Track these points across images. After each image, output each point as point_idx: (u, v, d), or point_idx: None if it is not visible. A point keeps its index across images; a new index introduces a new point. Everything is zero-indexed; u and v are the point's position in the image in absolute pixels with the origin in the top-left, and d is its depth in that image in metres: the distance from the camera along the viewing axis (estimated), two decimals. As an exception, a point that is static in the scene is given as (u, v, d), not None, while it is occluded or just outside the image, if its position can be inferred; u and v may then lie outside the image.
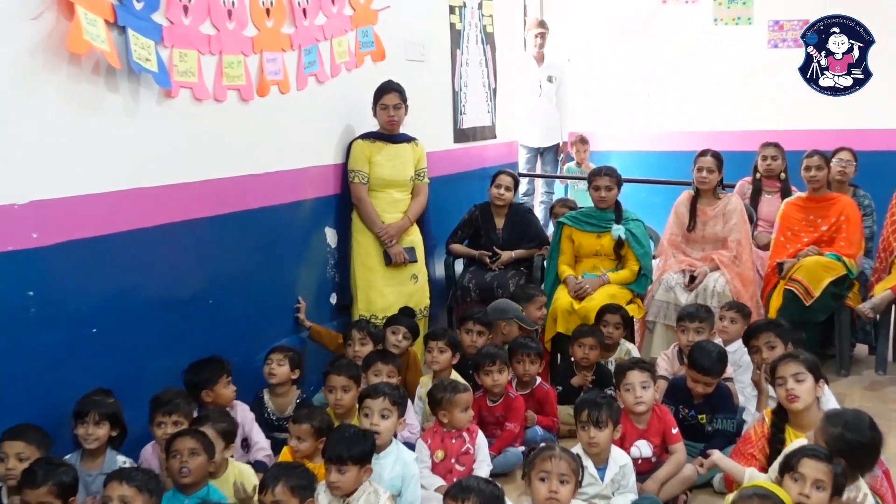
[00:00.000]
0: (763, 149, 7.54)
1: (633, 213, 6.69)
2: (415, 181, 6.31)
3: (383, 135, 6.14)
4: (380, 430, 4.26)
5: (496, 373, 5.16)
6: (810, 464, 3.49)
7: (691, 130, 10.29)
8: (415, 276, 6.27)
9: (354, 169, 6.06)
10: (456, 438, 4.64)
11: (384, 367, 5.08)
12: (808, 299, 6.43)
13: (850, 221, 6.73)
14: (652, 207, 8.84)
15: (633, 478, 4.32)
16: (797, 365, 4.31)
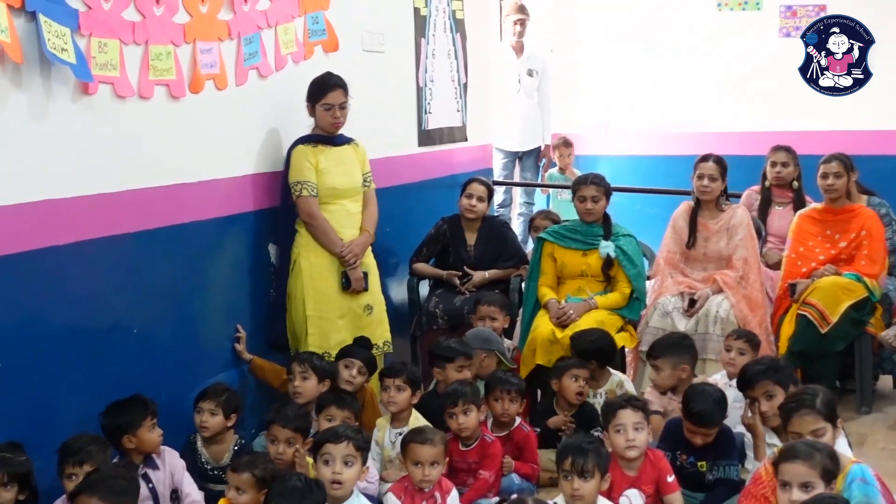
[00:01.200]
0: (773, 153, 7.58)
1: (624, 227, 6.70)
2: (363, 188, 6.23)
3: (324, 137, 6.03)
4: (343, 479, 4.24)
5: (460, 415, 5.13)
6: None
7: (691, 132, 10.34)
8: (369, 307, 6.14)
9: (301, 180, 5.88)
10: (427, 500, 4.61)
11: (339, 413, 5.07)
12: (824, 326, 6.47)
13: (872, 237, 6.77)
14: (647, 220, 8.90)
15: (622, 533, 4.32)
16: (815, 418, 4.26)
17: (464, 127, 8.39)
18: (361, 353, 5.73)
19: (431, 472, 4.56)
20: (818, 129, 9.67)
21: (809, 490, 3.77)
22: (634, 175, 10.45)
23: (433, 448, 4.58)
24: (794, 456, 3.86)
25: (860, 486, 4.02)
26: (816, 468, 3.80)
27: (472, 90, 8.48)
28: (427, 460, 4.55)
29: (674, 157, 9.96)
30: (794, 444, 4.03)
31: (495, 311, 6.38)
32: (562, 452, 4.32)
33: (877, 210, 6.97)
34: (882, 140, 9.55)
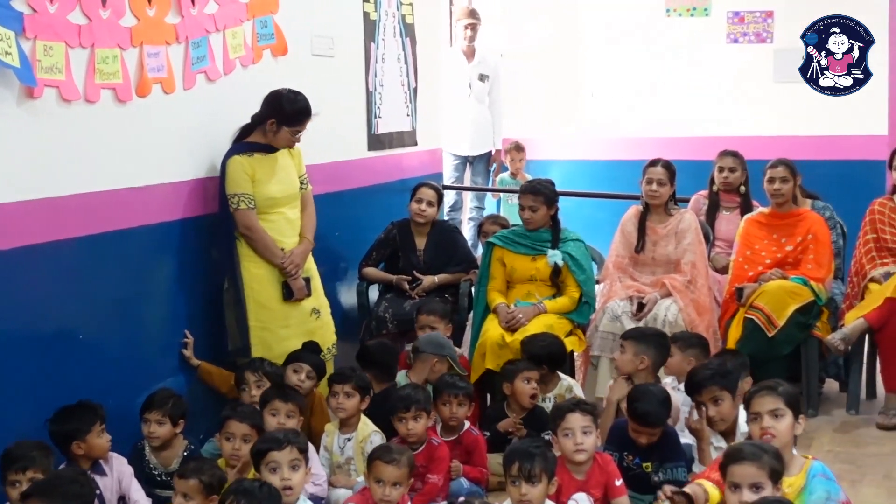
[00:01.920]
0: (720, 159, 7.65)
1: (572, 232, 6.74)
2: (300, 192, 6.16)
3: (260, 145, 5.91)
4: (292, 484, 4.23)
5: (410, 420, 5.13)
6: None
7: (641, 137, 10.40)
8: (316, 311, 6.11)
9: (237, 193, 5.77)
10: None
11: (283, 406, 5.06)
12: (771, 329, 6.53)
13: (818, 240, 6.84)
14: (596, 224, 8.92)
15: (570, 538, 4.34)
16: (775, 399, 4.32)
17: (414, 131, 8.40)
18: (310, 357, 5.71)
19: (392, 492, 4.49)
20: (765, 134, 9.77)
21: (759, 491, 3.81)
22: (584, 180, 10.50)
23: (397, 469, 4.50)
24: (741, 458, 3.90)
25: (822, 482, 4.07)
26: (765, 468, 3.84)
27: (422, 95, 8.49)
28: (389, 480, 4.49)
29: (623, 161, 10.01)
30: (740, 445, 4.09)
31: (435, 319, 6.38)
32: (509, 457, 4.32)
33: (821, 213, 7.05)
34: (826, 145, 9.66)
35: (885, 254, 6.80)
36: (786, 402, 4.31)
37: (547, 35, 11.11)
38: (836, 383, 7.18)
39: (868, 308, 6.56)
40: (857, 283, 6.85)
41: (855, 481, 5.58)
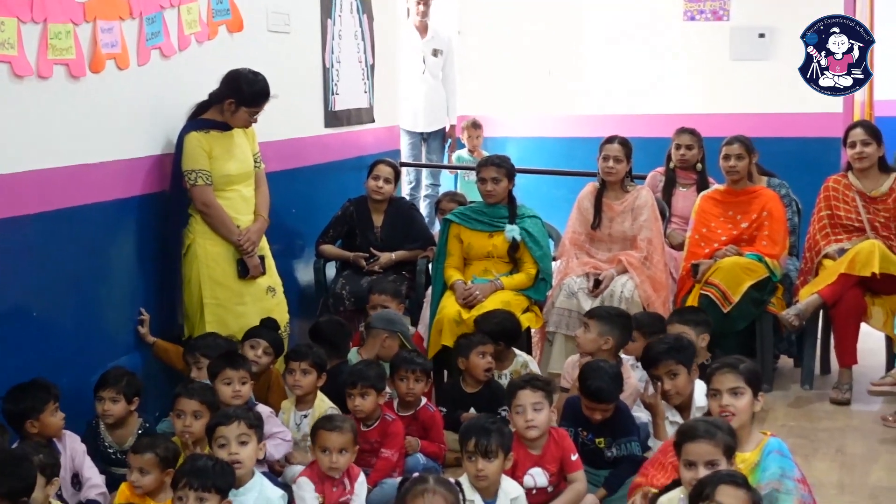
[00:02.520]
0: (677, 136, 7.70)
1: (529, 208, 6.76)
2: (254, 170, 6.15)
3: (217, 123, 5.90)
4: (241, 459, 4.24)
5: (357, 397, 5.14)
6: (728, 492, 3.56)
7: (597, 114, 10.41)
8: (271, 289, 6.11)
9: (194, 169, 5.76)
10: (337, 486, 4.61)
11: (235, 374, 5.06)
12: (726, 305, 6.58)
13: (773, 217, 6.90)
14: (553, 202, 8.97)
15: (526, 511, 4.37)
16: (736, 377, 4.35)
17: (371, 108, 8.39)
18: (268, 333, 5.72)
19: (339, 459, 4.55)
20: (722, 111, 9.81)
21: (714, 468, 3.83)
22: (541, 157, 10.52)
23: (342, 436, 4.56)
24: (696, 435, 3.92)
25: (776, 459, 4.11)
26: (719, 446, 3.88)
27: (379, 71, 8.48)
28: (335, 447, 4.55)
29: (580, 139, 10.03)
30: (694, 423, 4.11)
31: (386, 299, 6.40)
32: (465, 433, 4.35)
33: (777, 191, 7.11)
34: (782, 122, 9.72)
35: (838, 230, 6.86)
36: (746, 380, 4.35)
37: (504, 12, 11.08)
38: (790, 359, 7.26)
39: (822, 284, 6.62)
40: (812, 260, 6.91)
41: (808, 455, 5.65)
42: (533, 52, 10.87)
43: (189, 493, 3.85)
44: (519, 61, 10.95)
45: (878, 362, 6.87)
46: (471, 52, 11.05)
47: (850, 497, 5.13)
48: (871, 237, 6.70)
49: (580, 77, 10.66)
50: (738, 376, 4.35)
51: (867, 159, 6.78)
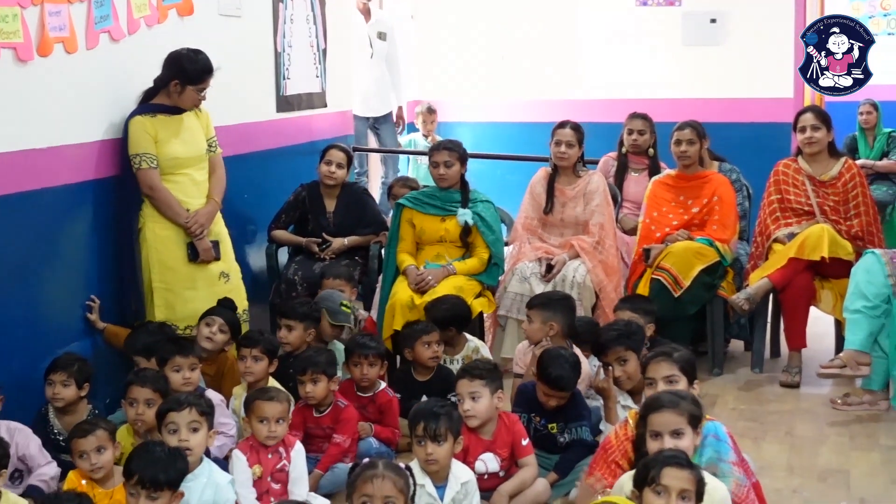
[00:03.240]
0: (629, 121, 7.73)
1: (482, 193, 6.77)
2: (208, 154, 6.13)
3: (165, 106, 5.90)
4: (191, 445, 4.23)
5: (308, 383, 5.14)
6: (673, 473, 3.60)
7: (550, 99, 10.44)
8: (225, 275, 6.08)
9: (139, 153, 5.75)
10: (272, 453, 4.63)
11: (184, 361, 5.07)
12: (677, 290, 6.63)
13: (723, 202, 6.95)
14: (506, 187, 8.97)
15: (477, 496, 4.38)
16: (670, 366, 4.45)
17: (323, 93, 8.36)
18: (224, 312, 5.72)
19: (277, 428, 4.58)
20: (673, 96, 9.86)
21: (680, 437, 3.90)
22: (494, 142, 10.53)
23: (278, 405, 4.61)
24: (660, 406, 3.99)
25: (713, 443, 4.15)
26: (684, 415, 3.94)
27: (332, 56, 8.45)
28: (272, 416, 4.58)
29: (532, 123, 10.04)
30: (658, 395, 4.18)
31: (341, 283, 6.40)
32: (414, 418, 4.36)
33: (728, 176, 7.15)
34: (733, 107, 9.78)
35: (788, 214, 6.92)
36: (680, 368, 4.46)
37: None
38: (741, 343, 7.32)
39: (772, 268, 6.68)
40: (762, 244, 6.97)
41: (758, 438, 5.71)
42: (486, 37, 10.87)
43: (140, 492, 3.83)
44: (472, 46, 10.95)
45: (827, 346, 6.94)
46: (424, 37, 11.04)
47: (799, 479, 5.18)
48: (821, 221, 6.77)
49: (533, 62, 10.66)
50: (672, 364, 4.46)
51: (817, 144, 6.84)
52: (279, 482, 4.62)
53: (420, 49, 11.06)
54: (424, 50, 11.09)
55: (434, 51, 11.09)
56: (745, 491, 4.07)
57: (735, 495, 4.00)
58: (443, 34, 11.04)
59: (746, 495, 4.07)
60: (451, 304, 6.05)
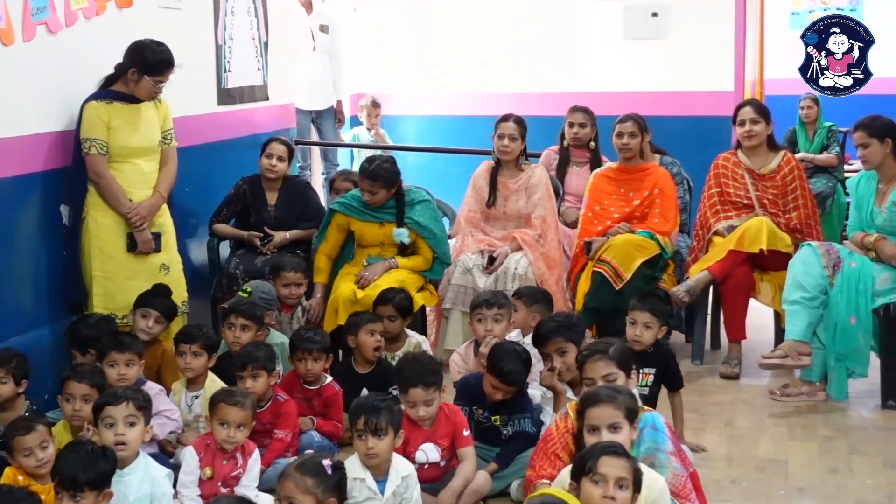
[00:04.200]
0: (571, 114, 7.75)
1: (419, 191, 6.76)
2: (162, 146, 6.13)
3: (122, 94, 5.92)
4: (127, 440, 4.21)
5: (248, 379, 5.12)
6: (610, 462, 3.64)
7: (493, 92, 10.43)
8: (165, 266, 6.07)
9: (90, 137, 5.77)
10: (228, 459, 4.59)
11: (120, 357, 5.04)
12: (618, 283, 6.66)
13: (664, 195, 6.99)
14: (449, 179, 8.99)
15: (417, 489, 4.38)
16: (607, 364, 4.48)
17: (265, 86, 8.31)
18: (158, 301, 5.69)
19: (237, 434, 4.55)
20: (615, 90, 9.90)
21: (618, 431, 3.95)
22: (437, 135, 10.53)
23: (242, 411, 4.57)
24: (598, 400, 4.03)
25: (650, 433, 4.19)
26: (621, 409, 3.99)
27: (273, 49, 8.40)
28: (234, 422, 4.54)
29: (475, 117, 10.05)
30: (595, 389, 4.22)
31: (300, 276, 6.43)
32: (354, 412, 4.35)
33: (669, 169, 7.21)
34: (674, 101, 9.83)
35: (728, 207, 6.98)
36: (617, 364, 4.50)
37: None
38: (681, 335, 7.37)
39: (712, 260, 6.74)
40: (702, 237, 7.03)
41: (698, 429, 5.76)
42: (430, 30, 10.85)
43: (63, 493, 3.80)
44: (416, 39, 10.92)
45: (766, 337, 7.02)
46: (367, 30, 11.02)
47: (738, 469, 5.24)
48: (760, 214, 6.84)
49: (476, 55, 10.65)
50: (609, 362, 4.50)
51: (756, 137, 6.90)
52: (229, 487, 4.59)
53: (363, 42, 11.02)
54: (368, 43, 11.05)
55: (377, 44, 11.07)
56: (683, 481, 4.12)
57: (672, 485, 4.05)
58: (386, 27, 11.01)
59: (684, 485, 4.12)
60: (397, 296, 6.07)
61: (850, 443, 5.59)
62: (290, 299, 6.41)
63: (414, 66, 10.94)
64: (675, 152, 7.56)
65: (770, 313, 6.98)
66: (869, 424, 5.92)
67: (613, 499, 3.61)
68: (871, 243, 6.23)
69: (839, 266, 6.14)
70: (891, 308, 6.10)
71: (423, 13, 10.83)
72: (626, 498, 3.64)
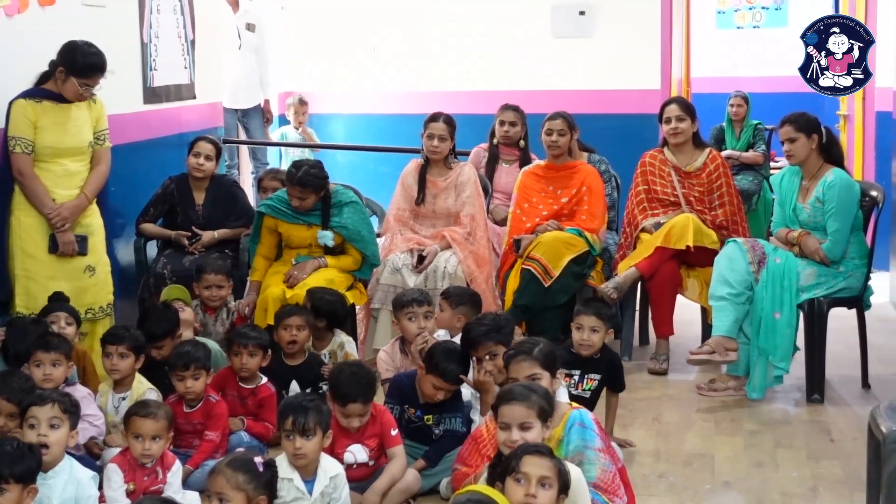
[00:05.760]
0: (501, 112, 7.75)
1: (346, 192, 6.74)
2: (94, 146, 6.07)
3: (52, 93, 5.85)
4: (49, 442, 4.16)
5: (189, 378, 5.10)
6: (532, 461, 3.66)
7: (422, 91, 10.44)
8: (90, 269, 6.01)
9: (15, 136, 5.72)
10: (148, 475, 4.53)
11: (46, 356, 4.95)
12: (547, 280, 6.69)
13: (592, 192, 7.03)
14: (378, 178, 9.01)
15: (346, 489, 4.38)
16: (531, 364, 4.46)
17: (192, 84, 8.26)
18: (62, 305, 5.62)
19: (152, 446, 4.48)
20: (544, 88, 9.95)
21: (527, 429, 3.96)
22: (366, 133, 10.53)
23: (155, 422, 4.49)
24: (511, 398, 4.05)
25: (578, 431, 4.23)
26: (533, 408, 4.00)
27: (200, 47, 8.34)
28: (148, 434, 4.47)
29: (404, 115, 10.07)
30: (511, 387, 4.22)
31: (221, 278, 6.39)
32: (282, 412, 4.34)
33: (597, 167, 7.26)
34: (602, 99, 9.91)
35: (655, 204, 7.04)
36: (542, 364, 4.47)
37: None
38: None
39: (639, 257, 6.80)
40: (630, 234, 7.09)
41: (626, 425, 5.81)
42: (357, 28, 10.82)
43: None
44: (343, 37, 10.89)
45: (694, 333, 7.10)
46: (294, 27, 10.98)
47: (666, 464, 5.29)
48: (686, 211, 6.91)
49: (405, 53, 10.65)
50: (533, 362, 4.48)
51: (682, 135, 6.97)
52: (152, 502, 4.55)
53: (291, 40, 10.98)
54: (295, 41, 11.01)
55: (305, 42, 11.02)
56: (611, 476, 4.16)
57: (601, 481, 4.09)
58: (314, 25, 10.96)
59: (612, 480, 4.16)
60: (335, 299, 6.07)
61: (776, 436, 5.67)
62: (213, 301, 6.36)
63: (342, 65, 10.90)
64: (602, 150, 7.62)
65: (697, 309, 7.05)
66: (793, 418, 6.00)
67: (535, 496, 3.62)
68: (795, 238, 6.32)
69: (764, 262, 6.22)
70: (815, 303, 6.19)
71: (351, 11, 10.80)
72: (549, 497, 3.64)
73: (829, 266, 6.23)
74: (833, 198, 6.15)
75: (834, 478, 5.11)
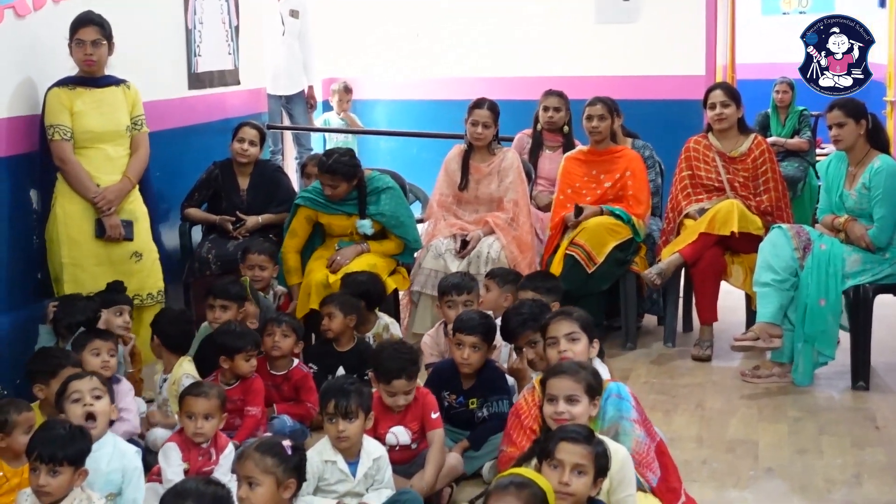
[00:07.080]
0: (545, 98, 7.74)
1: (382, 179, 6.76)
2: (132, 132, 6.11)
3: (85, 79, 5.90)
4: (96, 411, 4.21)
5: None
6: (567, 448, 3.65)
7: (465, 76, 10.45)
8: (137, 254, 6.04)
9: (53, 124, 5.76)
10: (202, 455, 4.57)
11: (104, 345, 5.01)
12: (590, 266, 6.69)
13: (636, 177, 7.01)
14: (421, 164, 9.02)
15: (388, 471, 4.40)
16: (570, 323, 4.49)
17: (236, 70, 8.30)
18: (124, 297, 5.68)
19: (204, 424, 4.52)
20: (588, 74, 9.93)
21: (574, 403, 3.98)
22: (409, 119, 10.56)
23: (207, 401, 4.53)
24: (560, 371, 4.08)
25: (614, 402, 4.22)
26: (581, 383, 4.01)
27: (244, 33, 8.39)
28: (200, 413, 4.52)
29: (448, 101, 10.07)
30: (561, 362, 4.26)
31: (265, 259, 6.40)
32: (324, 395, 4.36)
33: (640, 152, 7.23)
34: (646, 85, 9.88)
35: (699, 190, 7.01)
36: (580, 326, 4.51)
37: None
38: (654, 317, 7.42)
39: (683, 243, 6.76)
40: (673, 220, 7.05)
41: (668, 411, 5.81)
42: (401, 14, 10.85)
43: (41, 467, 3.79)
44: (387, 23, 10.93)
45: (738, 319, 7.04)
46: (338, 14, 11.00)
47: (708, 450, 5.28)
48: (731, 197, 6.87)
49: (448, 39, 10.66)
50: (572, 322, 4.50)
51: (726, 120, 6.93)
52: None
53: (334, 26, 11.01)
54: (339, 27, 11.04)
55: (348, 28, 11.05)
56: (646, 449, 4.14)
57: (635, 452, 4.07)
58: (357, 11, 11.00)
59: (647, 453, 4.14)
60: (367, 278, 6.09)
61: (819, 424, 5.65)
62: (257, 282, 6.36)
63: (385, 51, 10.94)
64: (646, 136, 7.60)
65: (741, 295, 7.00)
66: (837, 405, 5.96)
67: (568, 484, 3.61)
68: (840, 225, 6.28)
69: (809, 248, 6.19)
70: (860, 290, 6.16)
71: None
72: (583, 483, 3.62)
73: (875, 253, 6.19)
74: (879, 184, 6.11)
75: (878, 465, 5.08)
